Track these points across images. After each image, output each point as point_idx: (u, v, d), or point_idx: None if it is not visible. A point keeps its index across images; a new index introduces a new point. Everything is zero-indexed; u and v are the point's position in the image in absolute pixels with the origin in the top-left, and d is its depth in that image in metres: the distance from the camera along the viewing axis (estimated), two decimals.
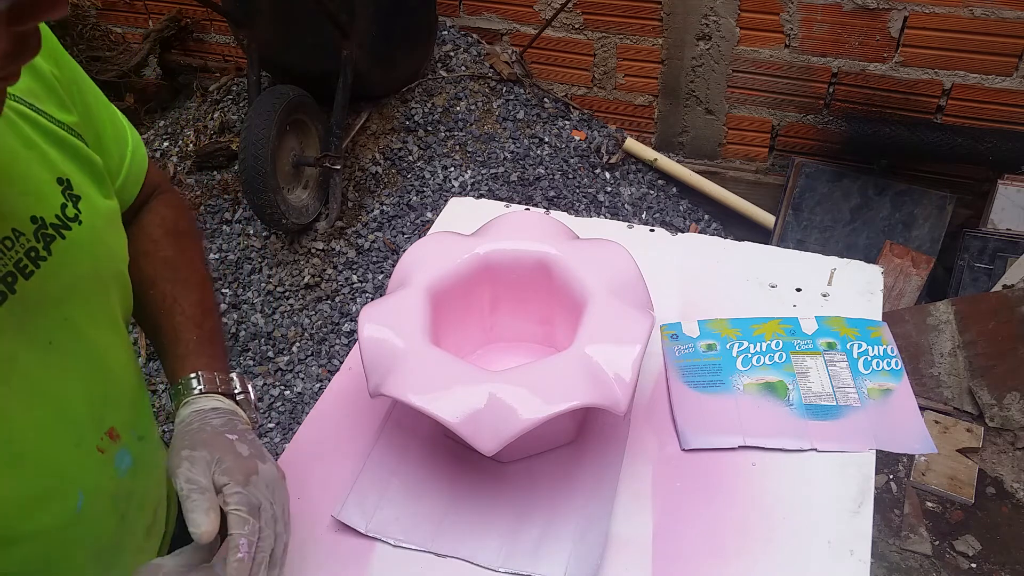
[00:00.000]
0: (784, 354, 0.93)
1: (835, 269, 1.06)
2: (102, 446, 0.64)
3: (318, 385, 2.18)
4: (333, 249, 2.39)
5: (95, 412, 0.64)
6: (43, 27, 0.61)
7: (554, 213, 1.15)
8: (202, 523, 0.58)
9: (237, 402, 0.74)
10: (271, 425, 2.12)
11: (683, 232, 1.57)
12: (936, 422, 1.94)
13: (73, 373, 0.61)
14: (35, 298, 0.57)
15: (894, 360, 0.92)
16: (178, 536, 0.80)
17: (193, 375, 0.72)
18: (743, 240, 1.14)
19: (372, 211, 2.45)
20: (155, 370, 2.28)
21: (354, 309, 2.29)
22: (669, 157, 2.62)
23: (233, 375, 0.76)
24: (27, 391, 0.57)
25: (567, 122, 2.64)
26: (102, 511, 0.65)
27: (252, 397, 0.77)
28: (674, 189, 2.62)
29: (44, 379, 0.59)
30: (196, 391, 0.72)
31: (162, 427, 1.89)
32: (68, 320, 0.61)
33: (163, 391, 2.22)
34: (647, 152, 2.60)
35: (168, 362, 0.75)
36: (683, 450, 0.85)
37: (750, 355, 0.94)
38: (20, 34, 0.42)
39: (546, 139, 2.57)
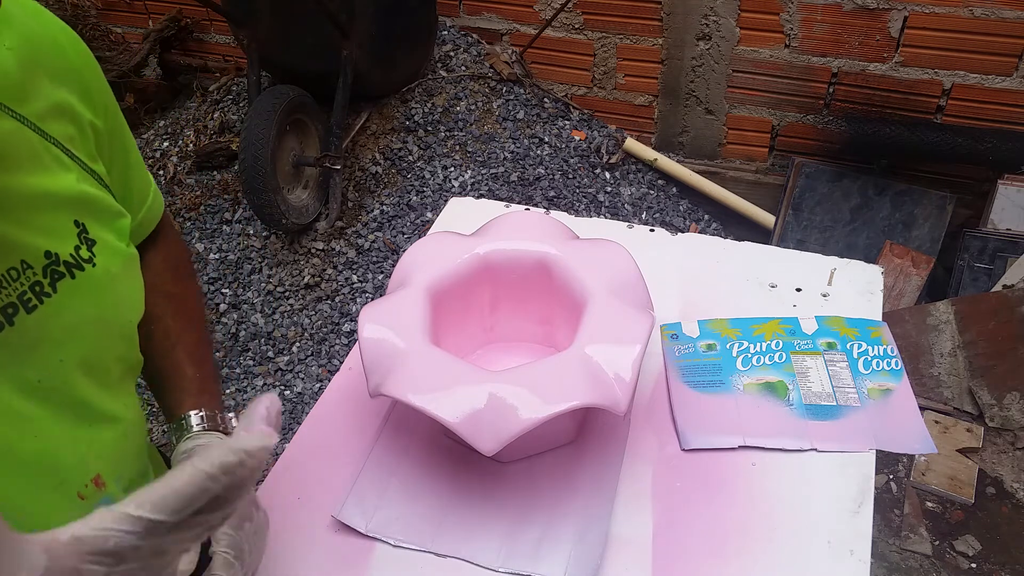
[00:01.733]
0: (784, 354, 0.93)
1: (835, 269, 1.06)
2: (84, 493, 0.62)
3: (318, 385, 2.18)
4: (333, 249, 2.39)
5: (80, 458, 0.62)
6: (94, 75, 0.64)
7: (554, 213, 1.15)
8: (183, 561, 0.57)
9: None
10: None
11: (683, 232, 1.57)
12: (936, 422, 1.94)
13: (59, 416, 0.59)
14: (33, 335, 0.56)
15: (894, 360, 0.92)
16: None
17: (195, 412, 0.73)
18: (743, 240, 1.14)
19: (372, 211, 2.45)
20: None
21: (354, 309, 2.29)
22: (669, 157, 2.62)
23: (231, 414, 0.77)
24: (6, 427, 0.55)
25: (567, 122, 2.64)
26: None
27: None
28: (674, 189, 2.62)
29: (27, 420, 0.57)
30: (197, 428, 0.73)
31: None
32: (63, 363, 0.59)
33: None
34: (647, 152, 2.60)
35: (167, 397, 0.75)
36: (683, 450, 0.85)
37: (750, 355, 0.94)
38: None
39: (546, 139, 2.57)
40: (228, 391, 2.22)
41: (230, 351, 2.29)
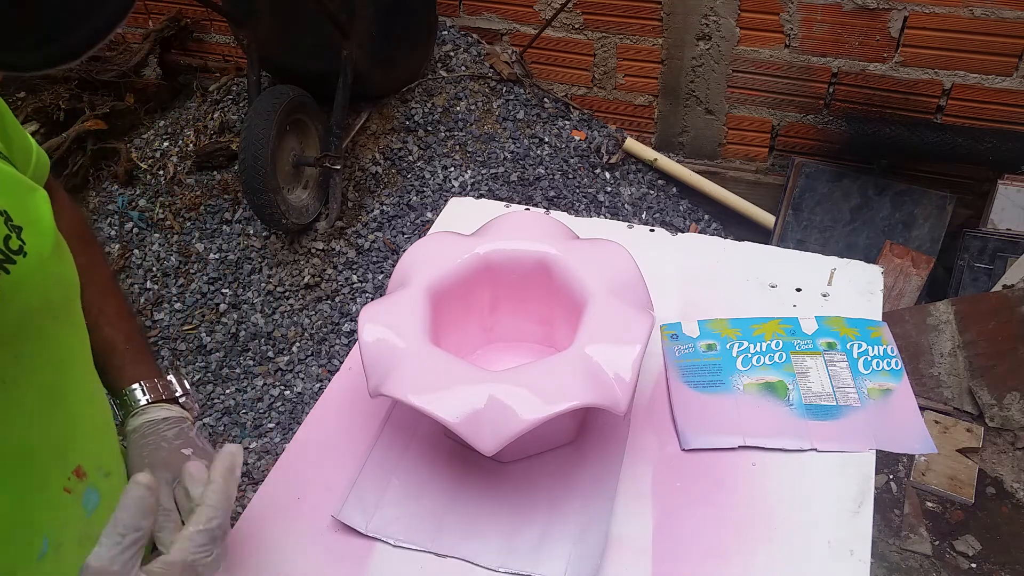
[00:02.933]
0: (784, 354, 0.93)
1: (835, 269, 1.06)
2: (69, 486, 0.61)
3: (318, 385, 2.18)
4: (333, 249, 2.39)
5: (60, 451, 0.61)
6: None
7: (554, 213, 1.15)
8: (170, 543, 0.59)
9: (181, 404, 0.75)
10: (271, 425, 2.12)
11: (683, 232, 1.57)
12: (936, 422, 1.94)
13: (31, 412, 0.59)
14: None
15: (894, 360, 0.92)
16: None
17: (136, 386, 0.74)
18: (743, 240, 1.14)
19: (372, 211, 2.45)
20: None
21: (354, 309, 2.29)
22: (669, 157, 2.62)
23: (170, 377, 0.77)
24: None
25: (567, 122, 2.64)
26: (68, 554, 0.62)
27: (189, 389, 0.78)
28: (674, 189, 2.62)
29: (1, 419, 0.56)
30: (142, 402, 0.73)
31: None
32: (20, 357, 0.58)
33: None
34: (647, 152, 2.60)
35: (105, 374, 0.74)
36: (683, 450, 0.85)
37: (750, 355, 0.94)
38: None
39: (546, 139, 2.57)
40: (228, 391, 2.22)
41: (230, 351, 2.29)
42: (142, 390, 0.74)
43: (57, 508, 0.61)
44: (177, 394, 0.77)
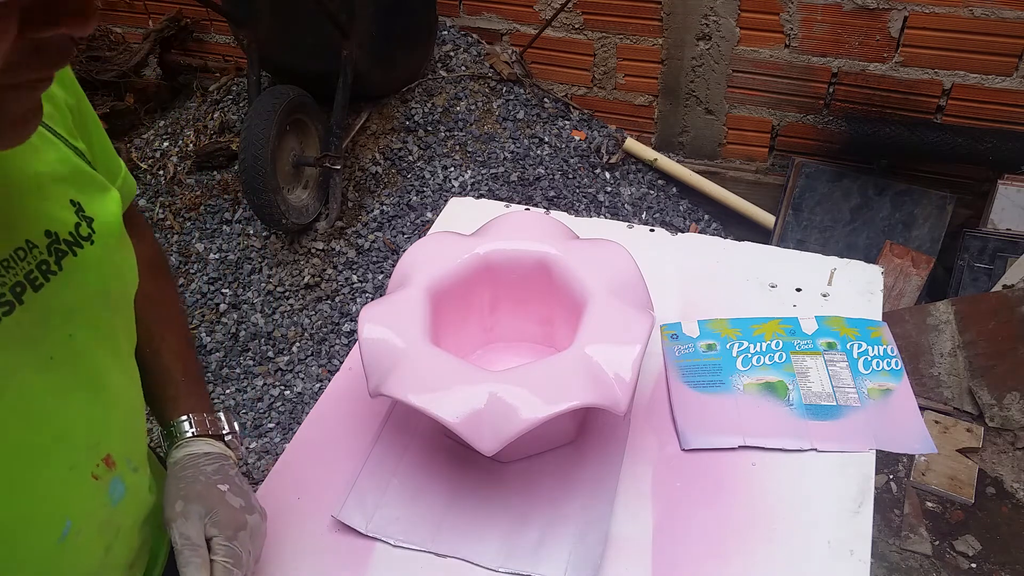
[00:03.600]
0: (784, 354, 0.93)
1: (835, 269, 1.06)
2: (97, 473, 0.62)
3: (318, 385, 2.18)
4: (333, 249, 2.39)
5: (93, 437, 0.62)
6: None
7: (554, 213, 1.15)
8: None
9: (226, 443, 0.77)
10: (271, 425, 2.12)
11: (683, 232, 1.57)
12: (936, 422, 1.94)
13: (73, 394, 0.60)
14: (41, 312, 0.57)
15: (894, 360, 0.92)
16: None
17: (184, 418, 0.75)
18: (743, 240, 1.14)
19: (372, 211, 2.45)
20: None
21: (354, 309, 2.29)
22: (669, 157, 2.62)
23: (220, 414, 0.78)
24: (23, 407, 0.56)
25: (567, 122, 2.64)
26: (87, 541, 0.62)
27: (237, 431, 0.79)
28: (674, 189, 2.62)
29: (43, 397, 0.57)
30: (188, 434, 0.74)
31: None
32: (72, 338, 0.60)
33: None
34: (647, 152, 2.60)
35: (158, 402, 0.76)
36: (683, 450, 0.85)
37: (750, 355, 0.94)
38: (36, 44, 0.41)
39: (546, 139, 2.57)
40: (228, 391, 2.22)
41: (230, 351, 2.29)
42: (190, 423, 0.75)
43: (83, 493, 0.61)
44: (224, 432, 0.77)
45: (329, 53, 2.30)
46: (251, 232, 2.47)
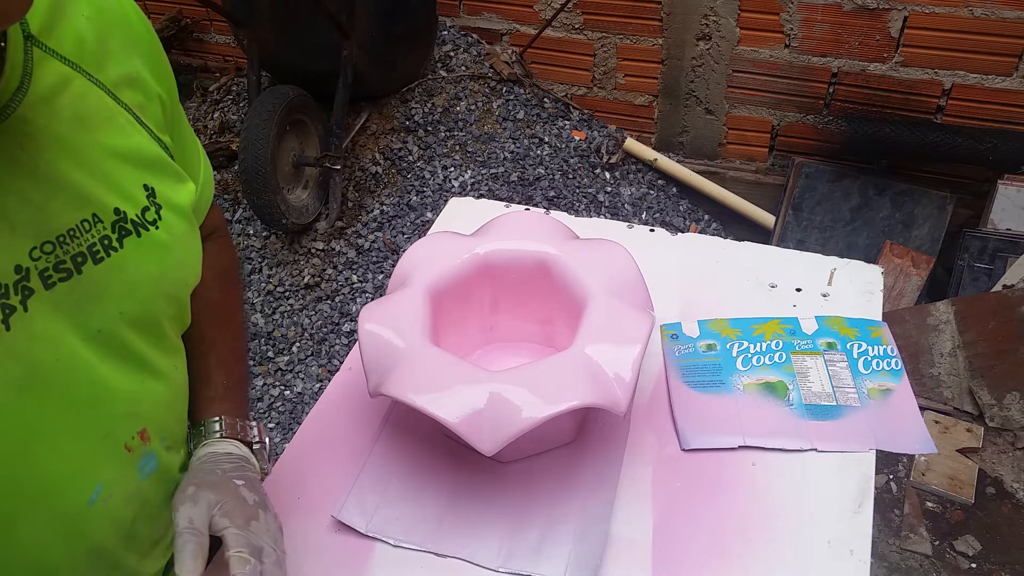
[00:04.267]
0: (784, 354, 0.93)
1: (835, 269, 1.06)
2: (131, 445, 0.64)
3: (318, 385, 2.18)
4: (333, 249, 2.39)
5: (130, 410, 0.64)
6: (160, 54, 0.68)
7: (554, 213, 1.15)
8: (187, 566, 0.59)
9: (253, 451, 0.76)
10: (271, 425, 2.12)
11: (683, 232, 1.57)
12: (936, 422, 1.94)
13: (115, 367, 0.62)
14: (97, 285, 0.59)
15: (894, 360, 0.92)
16: None
17: (216, 419, 0.75)
18: (743, 240, 1.14)
19: (372, 211, 2.45)
20: None
21: (354, 309, 2.29)
22: (669, 157, 2.62)
23: (253, 423, 0.78)
24: (67, 374, 0.58)
25: (567, 122, 2.64)
26: (116, 508, 0.64)
27: (267, 447, 0.79)
28: (674, 189, 2.62)
29: (86, 366, 0.59)
30: (216, 435, 0.74)
31: None
32: (122, 315, 0.61)
33: None
34: (647, 152, 2.59)
35: (194, 401, 0.76)
36: (683, 450, 0.85)
37: (750, 355, 0.94)
38: None
39: (546, 139, 2.57)
40: None
41: None
42: (220, 424, 0.75)
43: (114, 462, 0.63)
44: (254, 440, 0.77)
45: (329, 53, 2.30)
46: (251, 232, 2.47)
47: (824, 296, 1.02)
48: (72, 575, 0.63)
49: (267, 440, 0.79)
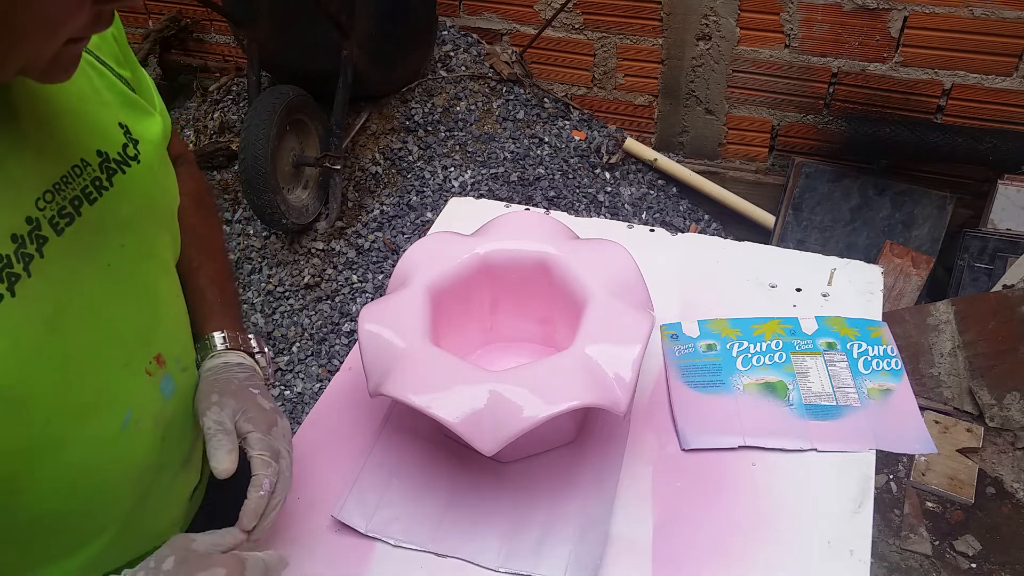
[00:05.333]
0: (784, 354, 0.93)
1: (835, 269, 1.06)
2: (150, 369, 0.69)
3: (318, 385, 2.18)
4: (333, 249, 2.39)
5: (144, 337, 0.69)
6: None
7: (554, 213, 1.15)
8: (223, 461, 0.66)
9: (255, 360, 0.81)
10: None
11: (683, 232, 1.57)
12: (936, 422, 1.94)
13: (126, 298, 0.66)
14: (97, 223, 0.63)
15: (894, 360, 0.92)
16: (210, 485, 0.85)
17: (218, 332, 0.80)
18: (743, 240, 1.14)
19: (372, 211, 2.45)
20: None
21: (354, 309, 2.29)
22: (669, 157, 2.62)
23: (251, 335, 0.83)
24: (86, 308, 0.62)
25: (567, 122, 2.64)
26: (146, 431, 0.69)
27: (268, 355, 0.84)
28: (674, 189, 2.62)
29: (102, 300, 0.64)
30: (221, 347, 0.79)
31: None
32: (124, 248, 0.66)
33: None
34: (647, 152, 2.59)
35: (192, 321, 0.80)
36: (683, 450, 0.85)
37: (750, 355, 0.94)
38: (99, 10, 0.51)
39: (546, 139, 2.57)
40: None
41: None
42: (223, 338, 0.79)
43: (139, 387, 0.68)
44: (254, 350, 0.82)
45: (329, 53, 2.30)
46: (251, 232, 2.47)
47: (824, 296, 1.02)
48: (116, 497, 0.68)
49: (267, 349, 0.83)
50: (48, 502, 0.62)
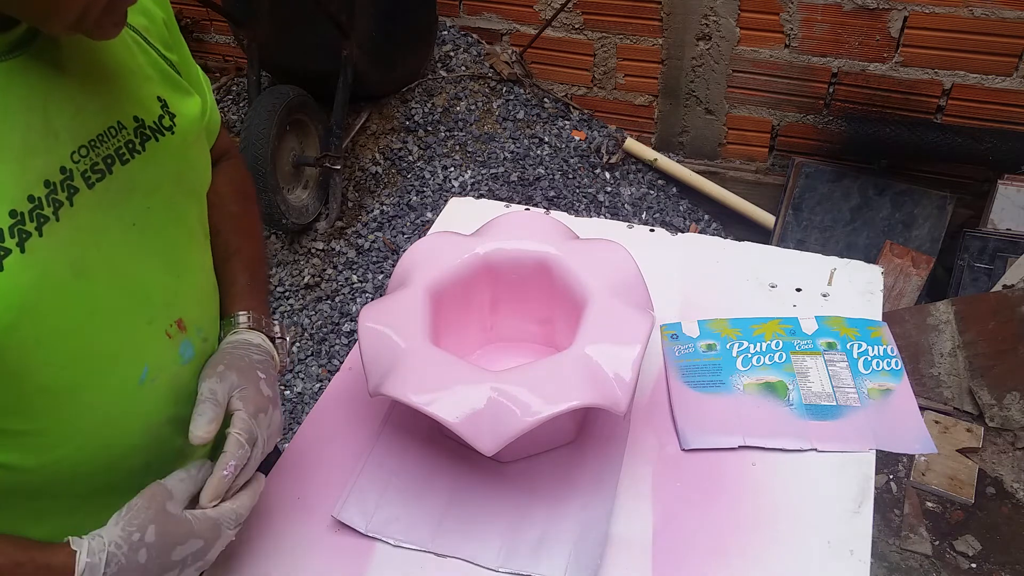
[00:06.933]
0: (784, 354, 0.93)
1: (835, 269, 1.06)
2: (171, 332, 0.72)
3: (318, 385, 2.18)
4: (333, 249, 2.39)
5: (167, 299, 0.71)
6: None
7: (554, 213, 1.15)
8: (200, 428, 0.67)
9: (275, 344, 0.83)
10: None
11: (683, 232, 1.57)
12: (936, 422, 1.94)
13: (151, 258, 0.69)
14: (126, 183, 0.67)
15: (894, 360, 0.92)
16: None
17: (243, 312, 0.82)
18: (743, 240, 1.14)
19: (372, 211, 2.45)
20: None
21: (354, 309, 2.29)
22: (669, 157, 2.62)
23: (276, 320, 0.85)
24: (112, 262, 0.65)
25: (567, 122, 2.64)
26: (162, 389, 0.71)
27: (288, 342, 0.86)
28: (674, 189, 2.62)
29: (127, 255, 0.67)
30: (244, 325, 0.81)
31: None
32: (151, 210, 0.69)
33: None
34: (647, 152, 2.60)
35: (222, 300, 0.83)
36: (683, 450, 0.85)
37: (750, 355, 0.94)
38: None
39: (546, 139, 2.57)
40: None
41: None
42: (248, 317, 0.82)
43: (158, 346, 0.71)
44: (276, 335, 0.83)
45: (329, 53, 2.30)
46: None
47: (824, 296, 1.02)
48: (128, 450, 0.71)
49: (287, 337, 0.85)
50: (63, 447, 0.65)
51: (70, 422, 0.65)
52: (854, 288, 1.03)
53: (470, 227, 0.97)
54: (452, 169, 2.49)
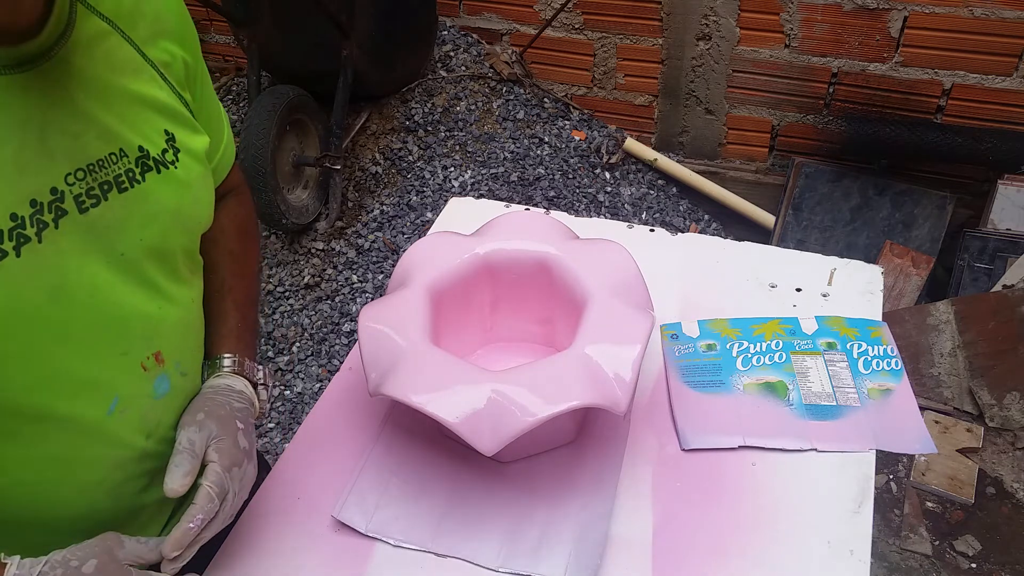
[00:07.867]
0: (784, 354, 0.93)
1: (835, 269, 1.06)
2: (147, 364, 0.70)
3: (318, 385, 2.18)
4: (333, 249, 2.39)
5: (147, 332, 0.70)
6: (188, 24, 0.76)
7: (554, 213, 1.15)
8: (176, 480, 0.66)
9: (256, 390, 0.82)
10: (271, 425, 2.12)
11: (683, 232, 1.57)
12: (936, 422, 1.94)
13: (135, 289, 0.68)
14: (121, 212, 0.66)
15: (894, 360, 0.92)
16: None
17: (228, 355, 0.81)
18: (743, 240, 1.14)
19: (372, 211, 2.45)
20: None
21: (354, 309, 2.29)
22: (669, 157, 2.62)
23: (260, 366, 0.85)
24: (92, 290, 0.64)
25: (567, 122, 2.64)
26: (130, 422, 0.70)
27: (270, 388, 0.85)
28: (674, 189, 2.62)
29: (109, 285, 0.66)
30: (228, 369, 0.80)
31: None
32: (143, 242, 0.68)
33: None
34: (647, 152, 2.60)
35: (209, 338, 0.82)
36: (683, 450, 0.85)
37: (750, 355, 0.94)
38: None
39: (546, 139, 2.57)
40: None
41: None
42: (232, 361, 0.81)
43: (131, 378, 0.69)
44: (258, 379, 0.83)
45: (329, 53, 2.30)
46: None
47: (824, 296, 1.02)
48: (93, 477, 0.69)
49: (270, 384, 0.85)
50: (21, 471, 0.64)
51: (32, 445, 0.64)
52: (854, 288, 1.03)
53: (470, 227, 0.97)
54: (452, 169, 2.49)
